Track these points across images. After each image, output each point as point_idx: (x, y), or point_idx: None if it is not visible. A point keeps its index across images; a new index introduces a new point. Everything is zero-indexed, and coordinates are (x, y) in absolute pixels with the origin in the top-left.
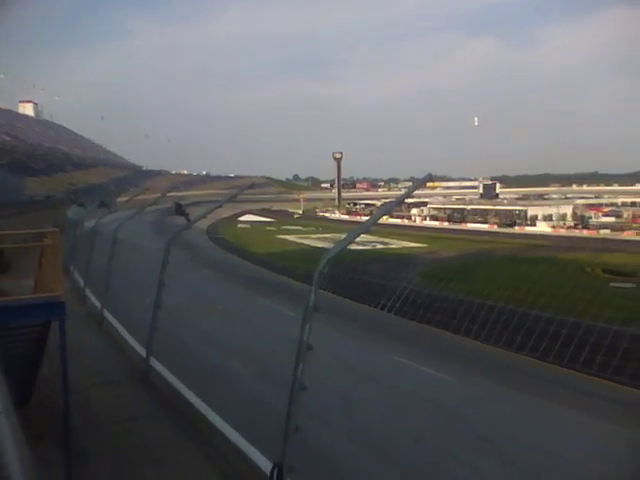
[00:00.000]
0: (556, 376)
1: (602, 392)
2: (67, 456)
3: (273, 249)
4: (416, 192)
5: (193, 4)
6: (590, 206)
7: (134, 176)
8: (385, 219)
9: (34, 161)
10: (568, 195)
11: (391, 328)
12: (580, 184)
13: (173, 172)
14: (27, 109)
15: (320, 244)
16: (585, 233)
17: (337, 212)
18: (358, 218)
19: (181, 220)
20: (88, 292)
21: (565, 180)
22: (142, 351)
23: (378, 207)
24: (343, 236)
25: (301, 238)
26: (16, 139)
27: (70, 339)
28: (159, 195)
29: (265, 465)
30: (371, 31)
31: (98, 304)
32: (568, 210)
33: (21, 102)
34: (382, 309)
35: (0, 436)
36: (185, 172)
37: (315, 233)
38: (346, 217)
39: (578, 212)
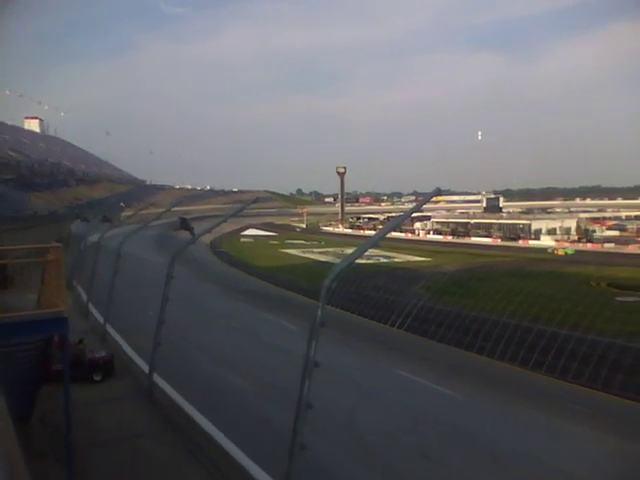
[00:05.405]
0: (560, 391)
1: (609, 407)
2: (69, 474)
3: (276, 263)
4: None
5: (199, 21)
6: (594, 220)
7: (138, 191)
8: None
9: (39, 176)
10: (572, 209)
11: (398, 344)
12: (584, 198)
13: (177, 187)
14: (32, 125)
15: (323, 258)
16: (589, 247)
17: (340, 226)
18: (361, 232)
19: (185, 235)
20: (91, 306)
21: (569, 194)
22: (145, 367)
23: (381, 221)
24: (347, 250)
25: (304, 252)
26: (21, 155)
27: None
28: (163, 210)
29: None
30: (374, 48)
31: (101, 319)
32: (572, 224)
33: (27, 118)
34: (392, 325)
35: None
36: (189, 187)
37: (318, 247)
38: (349, 231)
39: (582, 226)
